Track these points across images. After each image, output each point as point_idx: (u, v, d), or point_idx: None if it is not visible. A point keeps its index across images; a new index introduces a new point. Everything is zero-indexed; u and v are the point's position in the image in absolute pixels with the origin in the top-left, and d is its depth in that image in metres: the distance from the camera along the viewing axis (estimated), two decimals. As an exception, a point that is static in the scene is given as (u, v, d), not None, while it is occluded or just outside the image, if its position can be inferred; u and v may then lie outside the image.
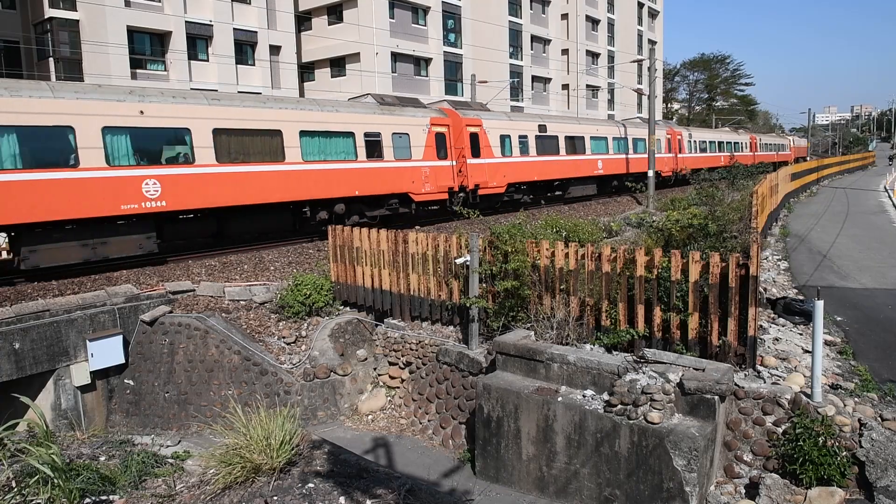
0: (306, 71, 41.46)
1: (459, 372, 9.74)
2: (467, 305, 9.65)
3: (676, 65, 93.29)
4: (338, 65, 40.37)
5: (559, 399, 7.44)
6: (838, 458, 6.26)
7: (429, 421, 9.96)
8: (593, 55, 61.64)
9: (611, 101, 64.06)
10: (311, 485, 5.05)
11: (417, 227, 19.29)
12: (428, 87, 42.04)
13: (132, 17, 28.80)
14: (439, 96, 41.89)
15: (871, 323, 10.12)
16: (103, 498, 5.14)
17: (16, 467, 4.97)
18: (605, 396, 7.19)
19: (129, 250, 13.54)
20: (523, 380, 8.02)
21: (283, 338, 11.19)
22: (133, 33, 29.21)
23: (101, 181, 12.75)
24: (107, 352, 10.30)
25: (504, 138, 23.94)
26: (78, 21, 28.90)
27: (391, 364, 11.20)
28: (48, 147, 12.16)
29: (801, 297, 11.19)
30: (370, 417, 10.58)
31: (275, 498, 4.85)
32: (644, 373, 7.17)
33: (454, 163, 21.34)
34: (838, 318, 10.30)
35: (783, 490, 6.35)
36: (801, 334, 9.59)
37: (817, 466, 6.25)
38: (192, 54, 31.47)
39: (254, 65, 34.12)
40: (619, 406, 6.90)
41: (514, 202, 24.97)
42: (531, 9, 51.25)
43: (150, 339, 10.90)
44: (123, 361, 10.57)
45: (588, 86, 59.78)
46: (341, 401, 10.61)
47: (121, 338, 10.51)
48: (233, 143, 15.08)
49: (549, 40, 53.96)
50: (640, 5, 69.24)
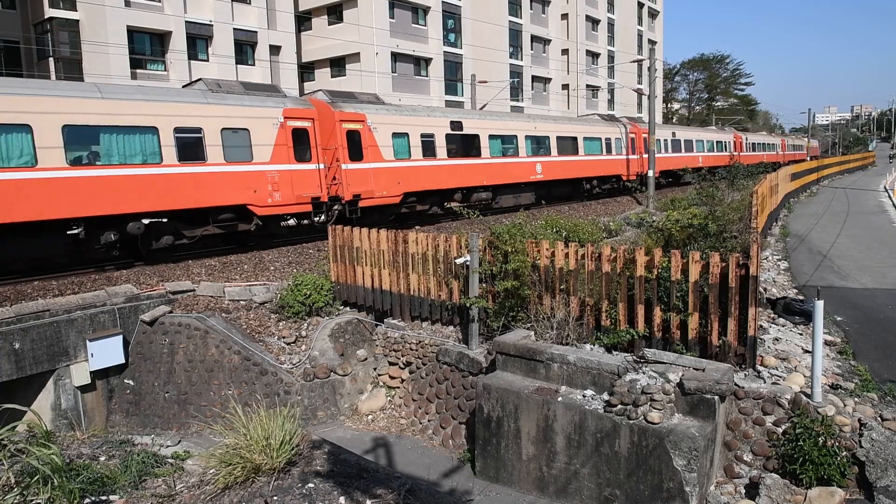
0: (306, 71, 41.48)
1: (459, 372, 9.74)
2: (467, 305, 9.65)
3: (676, 65, 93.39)
4: (338, 65, 40.38)
5: (559, 399, 7.44)
6: (838, 458, 6.26)
7: (429, 421, 9.96)
8: (593, 55, 61.65)
9: (611, 101, 64.07)
10: (311, 485, 5.05)
11: (417, 228, 19.29)
12: (428, 87, 42.07)
13: (132, 17, 28.82)
14: (439, 96, 41.96)
15: (871, 323, 10.12)
16: (103, 498, 5.14)
17: (16, 467, 4.97)
18: (605, 396, 7.19)
19: None
20: (523, 380, 8.02)
21: (283, 338, 11.19)
22: (133, 33, 29.23)
23: None
24: (107, 352, 10.30)
25: (399, 137, 19.55)
26: (78, 21, 28.92)
27: (391, 364, 11.20)
28: None
29: (801, 297, 11.19)
30: (370, 417, 10.58)
31: (275, 498, 4.85)
32: (644, 373, 7.17)
33: (321, 166, 16.82)
34: (838, 318, 10.30)
35: (783, 490, 6.35)
36: (801, 334, 9.59)
37: (817, 466, 6.25)
38: (192, 54, 31.49)
39: (254, 65, 34.14)
40: (619, 406, 6.90)
41: (416, 215, 21.01)
42: (531, 9, 51.26)
43: (150, 339, 10.90)
44: (123, 361, 10.57)
45: (588, 86, 59.79)
46: (341, 401, 10.61)
47: (121, 338, 10.51)
48: None
49: (549, 40, 53.97)
50: (640, 5, 69.26)
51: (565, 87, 57.25)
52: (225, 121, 15.10)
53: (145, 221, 13.85)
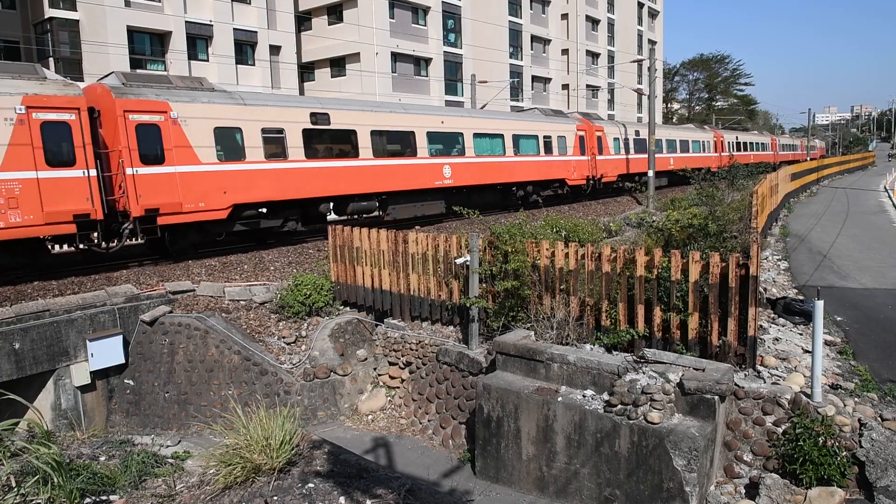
0: (306, 71, 41.47)
1: (459, 372, 9.74)
2: (467, 305, 9.65)
3: (676, 65, 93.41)
4: (338, 65, 40.38)
5: (559, 399, 7.44)
6: (838, 458, 6.26)
7: (429, 421, 9.96)
8: (593, 55, 61.65)
9: (611, 101, 64.08)
10: (311, 485, 5.05)
11: (417, 228, 19.29)
12: (428, 87, 42.06)
13: (132, 17, 28.82)
14: (439, 96, 41.97)
15: (871, 323, 10.12)
16: (103, 498, 5.14)
17: (16, 467, 4.97)
18: (605, 396, 7.19)
19: None
20: (523, 380, 8.02)
21: (283, 338, 11.19)
22: (133, 33, 29.23)
23: None
24: (107, 352, 10.30)
25: (227, 133, 15.07)
26: (78, 21, 28.92)
27: (391, 364, 11.20)
28: None
29: (801, 297, 11.19)
30: (370, 417, 10.58)
31: (275, 498, 4.85)
32: (644, 373, 7.17)
33: (90, 173, 12.51)
34: (838, 318, 10.30)
35: (783, 490, 6.35)
36: (801, 334, 9.59)
37: (817, 466, 6.25)
38: (192, 54, 31.49)
39: (254, 65, 34.13)
40: (619, 406, 6.90)
41: (260, 233, 16.54)
42: (531, 9, 51.27)
43: (150, 339, 10.90)
44: (123, 361, 10.57)
45: (588, 86, 59.80)
46: (341, 401, 10.61)
47: (121, 338, 10.51)
48: None
49: (549, 40, 53.97)
50: (640, 5, 69.26)
51: (565, 87, 57.25)
52: None
53: None
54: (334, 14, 39.85)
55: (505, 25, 48.11)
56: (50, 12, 28.39)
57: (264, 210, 16.24)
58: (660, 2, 74.04)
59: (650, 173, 29.77)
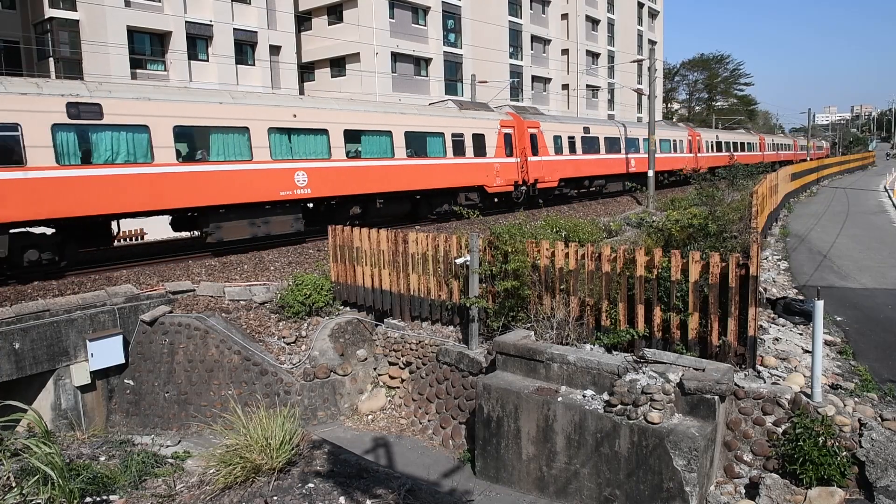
0: (306, 71, 41.48)
1: (459, 372, 9.74)
2: (467, 305, 9.65)
3: (676, 65, 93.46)
4: (338, 65, 40.38)
5: (559, 399, 7.44)
6: (838, 458, 6.26)
7: (429, 421, 9.96)
8: (593, 55, 61.66)
9: (611, 101, 64.08)
10: (311, 485, 5.05)
11: (417, 228, 19.28)
12: (428, 87, 42.06)
13: (132, 17, 28.82)
14: (439, 96, 41.94)
15: (871, 323, 10.12)
16: (103, 498, 5.14)
17: (16, 467, 4.97)
18: (605, 396, 7.19)
19: None
20: (523, 380, 8.02)
21: (283, 338, 11.19)
22: (133, 33, 29.23)
23: None
24: (107, 352, 10.30)
25: None
26: (78, 21, 28.91)
27: (391, 364, 11.20)
28: None
29: (801, 297, 11.19)
30: (370, 417, 10.58)
31: (275, 498, 4.85)
32: (644, 373, 7.17)
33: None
34: (838, 318, 10.30)
35: (783, 490, 6.35)
36: (801, 334, 9.59)
37: (817, 466, 6.25)
38: (192, 54, 31.48)
39: (254, 65, 34.13)
40: (619, 406, 6.90)
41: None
42: (531, 9, 51.27)
43: (150, 339, 10.89)
44: (123, 361, 10.57)
45: (588, 86, 59.80)
46: (341, 401, 10.61)
47: (121, 338, 10.51)
48: None
49: (549, 40, 53.98)
50: (640, 5, 69.28)
51: (565, 87, 57.25)
52: None
53: None
54: (334, 14, 39.86)
55: (505, 25, 48.11)
56: (50, 12, 28.39)
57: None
58: (660, 2, 74.05)
59: (650, 173, 29.79)
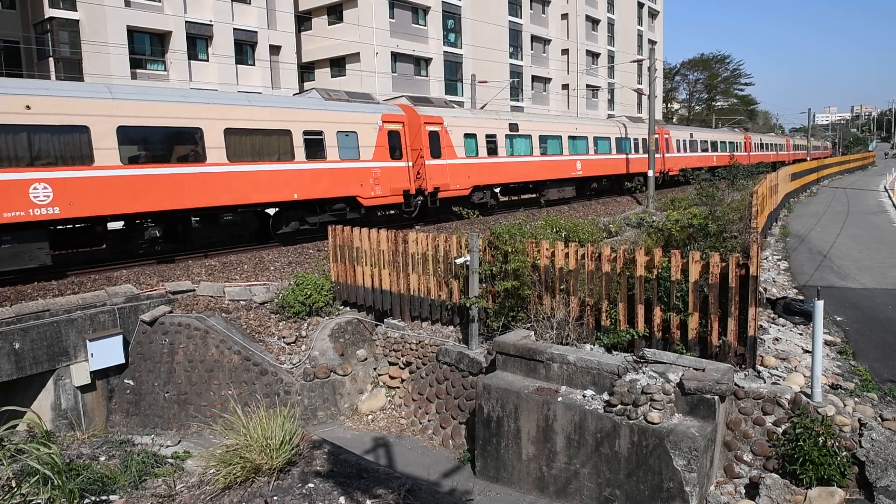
0: (306, 71, 41.48)
1: (459, 372, 9.74)
2: (467, 305, 9.65)
3: (676, 65, 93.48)
4: (338, 65, 40.39)
5: (559, 399, 7.44)
6: (838, 458, 6.26)
7: (429, 421, 9.96)
8: (593, 55, 61.65)
9: (611, 101, 64.08)
10: (311, 485, 5.05)
11: (418, 228, 19.28)
12: (428, 87, 42.06)
13: (132, 17, 28.82)
14: (439, 97, 41.94)
15: (871, 323, 10.12)
16: (103, 498, 5.14)
17: (15, 467, 4.97)
18: (605, 396, 7.19)
19: None
20: (523, 380, 8.02)
21: (283, 338, 11.19)
22: (133, 33, 29.24)
23: None
24: (107, 352, 10.30)
25: None
26: (78, 21, 28.92)
27: (391, 364, 11.20)
28: None
29: (801, 297, 11.19)
30: (370, 417, 10.58)
31: (275, 498, 4.85)
32: (644, 373, 7.17)
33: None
34: (838, 318, 10.30)
35: (783, 490, 6.35)
36: (801, 334, 9.59)
37: (817, 466, 6.25)
38: (192, 54, 31.50)
39: (254, 65, 34.14)
40: (619, 406, 6.90)
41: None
42: (531, 9, 51.28)
43: (150, 339, 10.89)
44: (123, 361, 10.57)
45: (588, 86, 59.80)
46: (341, 401, 10.61)
47: (121, 338, 10.51)
48: None
49: (549, 40, 53.98)
50: (640, 5, 69.28)
51: (565, 87, 57.26)
52: None
53: None
54: (334, 14, 39.86)
55: (505, 25, 48.11)
56: (50, 12, 28.39)
57: None
58: (660, 2, 74.05)
59: (650, 173, 29.76)
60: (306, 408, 10.26)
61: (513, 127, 24.80)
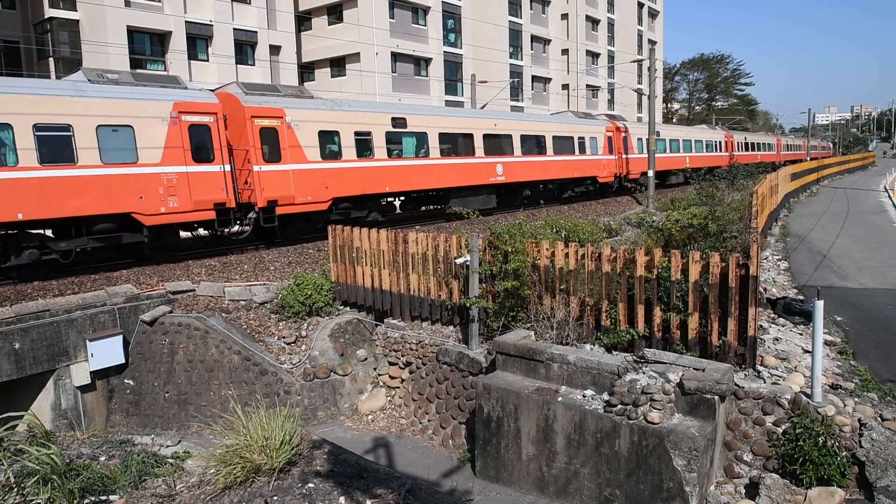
0: (306, 71, 41.48)
1: (459, 372, 9.74)
2: (467, 305, 9.65)
3: (676, 65, 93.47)
4: (338, 65, 40.39)
5: (559, 399, 7.44)
6: (838, 458, 6.26)
7: (429, 421, 9.96)
8: (593, 55, 61.66)
9: (611, 101, 64.08)
10: (311, 485, 5.05)
11: (417, 227, 19.28)
12: (428, 87, 42.06)
13: (132, 17, 28.83)
14: (439, 96, 41.98)
15: (871, 323, 10.12)
16: (103, 498, 5.14)
17: (16, 467, 4.97)
18: (605, 396, 7.19)
19: None
20: (523, 380, 8.02)
21: (283, 338, 11.19)
22: (133, 33, 29.24)
23: None
24: (107, 352, 10.30)
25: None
26: (78, 21, 28.93)
27: (391, 364, 11.20)
28: None
29: (801, 297, 11.19)
30: (370, 417, 10.58)
31: (275, 498, 4.85)
32: (644, 373, 7.17)
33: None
34: (838, 318, 10.30)
35: (783, 490, 6.35)
36: (801, 334, 9.59)
37: (817, 466, 6.25)
38: (192, 54, 31.50)
39: (254, 65, 34.14)
40: (619, 406, 6.90)
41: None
42: (531, 9, 51.28)
43: (150, 339, 10.89)
44: (123, 361, 10.57)
45: (588, 86, 59.80)
46: (341, 401, 10.61)
47: (121, 338, 10.51)
48: None
49: (549, 40, 53.98)
50: (640, 5, 69.29)
51: (565, 87, 57.26)
52: None
53: None
54: (334, 14, 39.86)
55: (505, 25, 48.11)
56: (50, 12, 28.40)
57: None
58: (660, 2, 74.05)
59: (650, 173, 29.75)
60: (306, 408, 10.27)
61: (398, 122, 19.63)
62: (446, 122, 21.85)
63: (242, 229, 17.77)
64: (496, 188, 23.74)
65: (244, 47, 33.81)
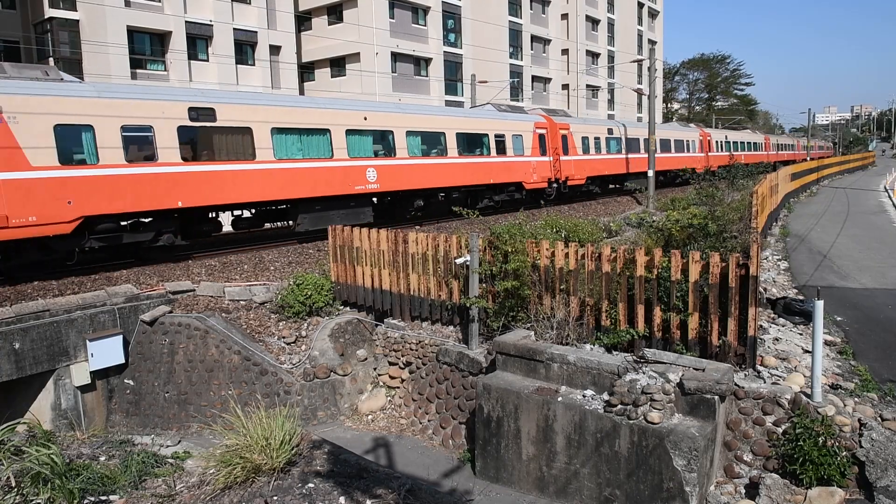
0: (306, 71, 41.48)
1: (459, 372, 9.74)
2: (467, 305, 9.65)
3: (676, 65, 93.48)
4: (338, 65, 40.39)
5: (559, 399, 7.44)
6: (838, 458, 6.26)
7: (429, 421, 9.96)
8: (593, 55, 61.66)
9: (611, 101, 64.08)
10: (311, 485, 5.05)
11: (417, 227, 19.27)
12: (428, 87, 42.06)
13: (132, 17, 28.83)
14: (439, 96, 41.98)
15: (871, 323, 10.12)
16: (103, 498, 5.14)
17: (16, 467, 4.97)
18: (605, 396, 7.19)
19: None
20: (523, 380, 8.02)
21: (283, 338, 11.19)
22: (133, 33, 29.24)
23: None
24: (107, 352, 10.30)
25: None
26: (78, 21, 28.92)
27: (391, 364, 11.20)
28: None
29: (801, 297, 11.19)
30: (370, 417, 10.58)
31: (275, 498, 4.85)
32: (644, 373, 7.17)
33: None
34: (838, 318, 10.30)
35: (783, 490, 6.35)
36: (801, 334, 9.59)
37: (817, 466, 6.25)
38: (192, 54, 31.50)
39: (254, 65, 34.14)
40: (619, 406, 6.90)
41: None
42: (531, 9, 51.28)
43: (150, 339, 10.89)
44: (123, 361, 10.57)
45: (588, 86, 59.80)
46: (341, 401, 10.61)
47: (121, 338, 10.51)
48: None
49: (549, 40, 53.98)
50: (640, 5, 69.30)
51: (565, 87, 57.26)
52: None
53: None
54: (334, 14, 39.86)
55: (505, 25, 48.11)
56: (50, 12, 28.39)
57: None
58: (660, 2, 74.06)
59: (650, 173, 29.75)
60: (306, 408, 10.26)
61: (201, 114, 14.40)
62: (285, 116, 16.25)
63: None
64: (369, 198, 19.17)
65: (244, 47, 33.81)
